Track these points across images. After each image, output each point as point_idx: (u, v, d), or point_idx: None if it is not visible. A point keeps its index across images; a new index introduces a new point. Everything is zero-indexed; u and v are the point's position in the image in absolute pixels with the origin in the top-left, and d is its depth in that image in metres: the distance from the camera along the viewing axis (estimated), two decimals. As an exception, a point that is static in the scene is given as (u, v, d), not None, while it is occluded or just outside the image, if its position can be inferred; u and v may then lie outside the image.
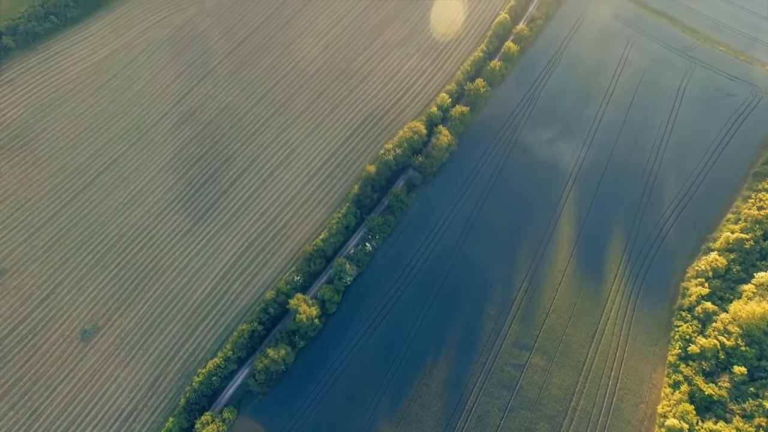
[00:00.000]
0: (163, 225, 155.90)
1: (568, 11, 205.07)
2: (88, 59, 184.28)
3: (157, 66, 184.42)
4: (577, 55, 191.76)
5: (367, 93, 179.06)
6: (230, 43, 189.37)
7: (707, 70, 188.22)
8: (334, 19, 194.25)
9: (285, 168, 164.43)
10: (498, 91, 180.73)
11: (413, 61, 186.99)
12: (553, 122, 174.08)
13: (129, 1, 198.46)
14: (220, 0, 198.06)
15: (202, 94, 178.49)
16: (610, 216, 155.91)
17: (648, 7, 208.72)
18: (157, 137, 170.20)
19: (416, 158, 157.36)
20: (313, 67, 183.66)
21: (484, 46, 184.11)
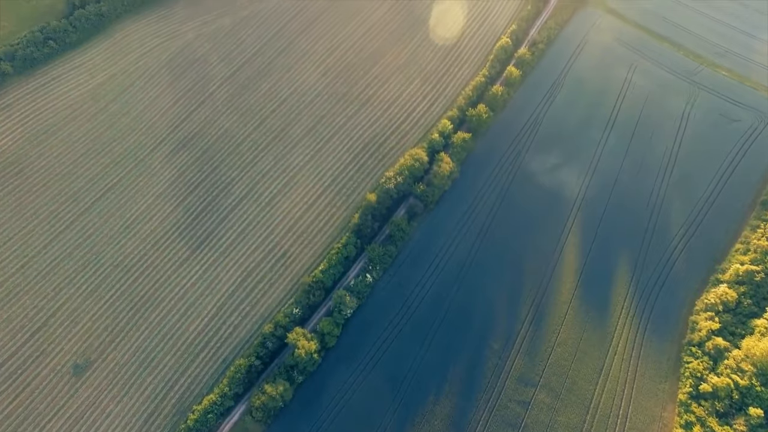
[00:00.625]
0: (160, 254, 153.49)
1: (570, 35, 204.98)
2: (86, 84, 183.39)
3: (156, 91, 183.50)
4: (580, 79, 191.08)
5: (367, 119, 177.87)
6: (229, 68, 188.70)
7: (712, 95, 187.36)
8: (333, 44, 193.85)
9: (284, 196, 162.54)
10: (500, 116, 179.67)
11: (414, 86, 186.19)
12: (557, 148, 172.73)
13: (128, 26, 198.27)
14: (219, 24, 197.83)
15: (200, 120, 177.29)
16: (615, 245, 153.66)
17: (651, 31, 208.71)
18: (155, 163, 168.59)
19: (417, 186, 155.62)
20: (312, 92, 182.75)
21: (486, 71, 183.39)
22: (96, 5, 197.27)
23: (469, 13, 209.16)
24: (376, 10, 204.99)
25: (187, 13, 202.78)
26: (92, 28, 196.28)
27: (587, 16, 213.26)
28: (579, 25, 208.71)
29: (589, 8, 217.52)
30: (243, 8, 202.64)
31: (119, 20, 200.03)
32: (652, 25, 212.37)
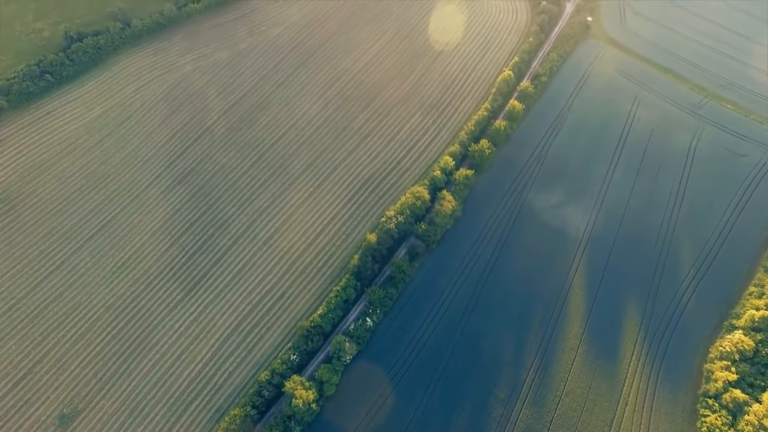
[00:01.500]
0: (153, 295, 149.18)
1: (573, 67, 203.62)
2: (81, 118, 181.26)
3: (152, 125, 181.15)
4: (584, 112, 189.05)
5: (367, 154, 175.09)
6: (227, 101, 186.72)
7: (717, 128, 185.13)
8: (332, 77, 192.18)
9: (282, 235, 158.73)
10: (503, 151, 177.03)
11: (415, 119, 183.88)
12: (561, 184, 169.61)
13: (125, 58, 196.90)
14: (217, 57, 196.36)
15: (197, 155, 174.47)
16: (623, 287, 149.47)
17: (653, 63, 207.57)
18: (150, 200, 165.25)
19: (419, 226, 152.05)
20: (311, 126, 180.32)
21: (488, 105, 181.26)
22: (94, 38, 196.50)
23: (470, 45, 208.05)
24: (375, 42, 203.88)
25: (185, 45, 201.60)
26: (89, 61, 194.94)
27: (589, 48, 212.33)
28: (581, 57, 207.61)
29: (591, 40, 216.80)
30: (241, 41, 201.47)
31: (117, 53, 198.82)
32: (655, 57, 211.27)
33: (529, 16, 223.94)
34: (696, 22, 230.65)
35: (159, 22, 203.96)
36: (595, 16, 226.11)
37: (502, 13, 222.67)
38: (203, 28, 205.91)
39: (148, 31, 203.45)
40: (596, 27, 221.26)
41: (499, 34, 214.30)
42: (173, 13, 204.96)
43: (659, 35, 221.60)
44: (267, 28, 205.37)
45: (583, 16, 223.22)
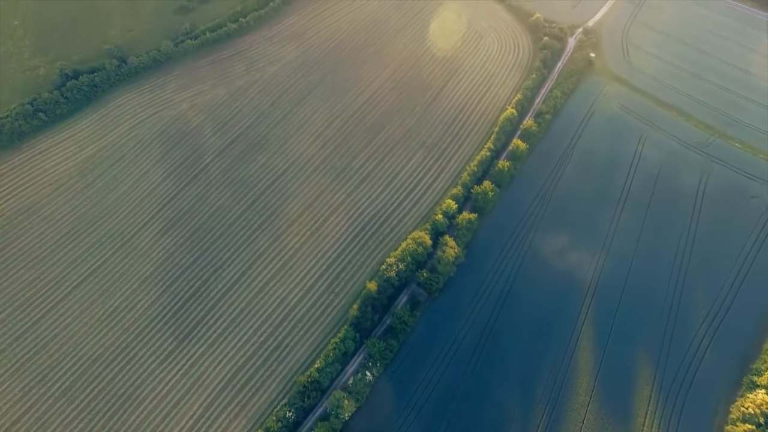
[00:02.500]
0: (143, 346, 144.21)
1: (577, 104, 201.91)
2: (73, 158, 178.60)
3: (146, 164, 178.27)
4: (589, 151, 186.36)
5: (367, 195, 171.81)
6: (223, 140, 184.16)
7: (725, 168, 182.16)
8: (331, 116, 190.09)
9: (278, 281, 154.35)
10: (507, 192, 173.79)
11: (416, 159, 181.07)
12: (567, 227, 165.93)
13: (121, 96, 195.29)
14: (213, 95, 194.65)
15: (192, 196, 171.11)
16: (634, 337, 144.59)
17: (657, 99, 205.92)
18: (142, 244, 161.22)
19: (421, 273, 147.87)
20: (309, 166, 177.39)
21: (491, 144, 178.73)
22: (90, 76, 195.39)
23: (472, 81, 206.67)
24: (375, 79, 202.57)
25: (181, 82, 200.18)
26: (84, 99, 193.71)
27: (593, 84, 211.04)
28: (585, 94, 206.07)
29: (594, 76, 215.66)
30: (238, 78, 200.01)
31: (112, 90, 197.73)
32: (659, 93, 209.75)
33: (531, 51, 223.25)
34: (699, 57, 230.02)
35: (156, 58, 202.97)
36: (598, 52, 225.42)
37: (504, 48, 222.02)
38: (200, 64, 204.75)
39: (144, 67, 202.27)
40: (599, 63, 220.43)
41: (502, 70, 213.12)
42: (170, 49, 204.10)
43: (663, 71, 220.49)
44: (264, 64, 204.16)
45: (586, 51, 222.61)
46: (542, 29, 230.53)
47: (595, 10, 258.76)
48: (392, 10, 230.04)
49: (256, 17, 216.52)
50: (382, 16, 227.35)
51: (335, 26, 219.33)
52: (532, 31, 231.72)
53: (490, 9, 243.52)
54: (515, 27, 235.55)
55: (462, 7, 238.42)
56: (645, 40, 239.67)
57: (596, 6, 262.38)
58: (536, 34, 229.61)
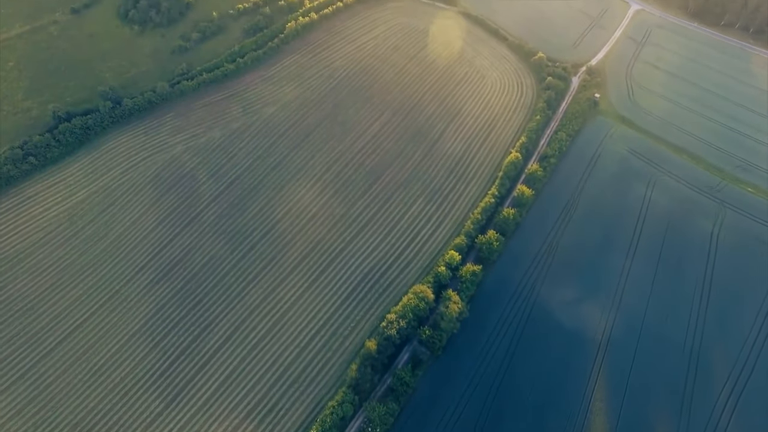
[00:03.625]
0: (129, 408, 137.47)
1: (583, 147, 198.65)
2: (63, 203, 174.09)
3: (138, 211, 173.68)
4: (596, 197, 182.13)
5: (367, 244, 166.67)
6: (218, 185, 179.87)
7: (739, 214, 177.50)
8: (329, 160, 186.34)
9: (273, 337, 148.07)
10: (512, 241, 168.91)
11: (417, 206, 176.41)
12: (575, 278, 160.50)
13: (114, 138, 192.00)
14: (209, 137, 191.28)
15: (184, 245, 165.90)
16: (650, 399, 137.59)
17: (665, 141, 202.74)
18: (131, 296, 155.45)
19: (423, 331, 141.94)
20: (307, 213, 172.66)
21: (495, 190, 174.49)
22: (83, 118, 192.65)
23: (475, 123, 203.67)
24: (375, 121, 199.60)
25: (176, 124, 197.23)
26: (76, 142, 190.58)
27: (599, 126, 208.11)
28: (591, 136, 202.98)
29: (599, 117, 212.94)
30: (235, 120, 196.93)
31: (105, 132, 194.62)
32: (667, 135, 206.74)
33: (534, 91, 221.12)
34: (705, 97, 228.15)
35: (151, 100, 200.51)
36: (603, 92, 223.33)
37: (507, 88, 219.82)
38: (196, 106, 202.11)
39: (139, 109, 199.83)
40: (604, 103, 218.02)
41: (505, 111, 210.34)
42: (166, 90, 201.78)
43: (669, 111, 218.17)
44: (261, 106, 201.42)
45: (591, 91, 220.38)
46: (545, 69, 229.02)
47: (598, 49, 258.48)
48: (391, 50, 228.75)
49: (254, 57, 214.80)
50: (381, 55, 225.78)
51: (334, 66, 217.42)
52: (536, 70, 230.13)
53: (493, 48, 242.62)
54: (518, 66, 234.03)
55: (464, 47, 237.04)
56: (649, 80, 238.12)
57: (598, 44, 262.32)
58: (539, 74, 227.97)
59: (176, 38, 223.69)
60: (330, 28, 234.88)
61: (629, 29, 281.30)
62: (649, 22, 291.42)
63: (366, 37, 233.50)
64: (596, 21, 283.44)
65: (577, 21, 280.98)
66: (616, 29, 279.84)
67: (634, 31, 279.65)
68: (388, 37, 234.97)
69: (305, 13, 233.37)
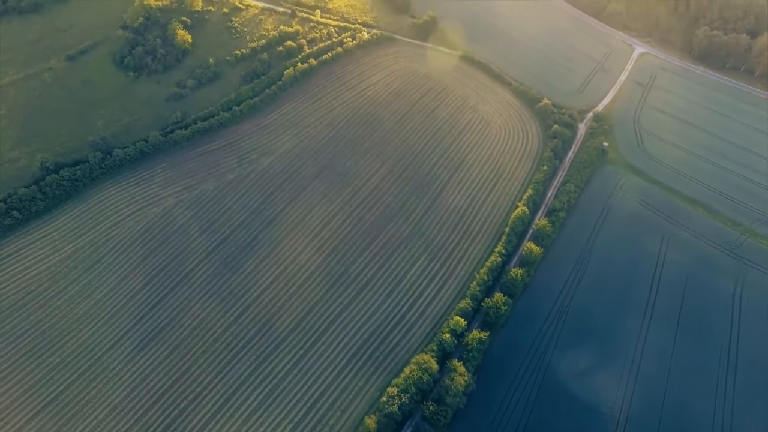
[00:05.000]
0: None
1: (592, 199, 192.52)
2: (46, 261, 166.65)
3: (125, 269, 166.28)
4: (607, 253, 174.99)
5: (366, 307, 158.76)
6: (211, 242, 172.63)
7: (762, 273, 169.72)
8: (327, 215, 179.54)
9: (265, 411, 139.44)
10: (520, 302, 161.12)
11: (420, 264, 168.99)
12: (589, 343, 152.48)
13: (103, 190, 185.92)
14: (202, 189, 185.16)
15: (173, 307, 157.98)
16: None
17: (679, 194, 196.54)
18: (114, 364, 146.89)
19: (426, 406, 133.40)
20: (303, 273, 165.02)
21: (501, 248, 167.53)
22: (71, 169, 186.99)
23: (479, 174, 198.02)
24: (375, 173, 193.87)
25: (168, 175, 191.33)
26: (64, 194, 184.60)
27: (608, 176, 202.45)
28: (600, 187, 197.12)
29: (608, 166, 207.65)
30: (229, 171, 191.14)
31: (94, 184, 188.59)
32: (680, 186, 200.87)
33: (540, 139, 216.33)
34: (716, 144, 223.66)
35: (143, 150, 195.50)
36: (611, 140, 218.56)
37: (511, 137, 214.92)
38: (189, 156, 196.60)
39: (130, 160, 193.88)
40: (613, 152, 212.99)
41: (511, 161, 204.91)
42: (158, 140, 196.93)
43: (680, 160, 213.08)
44: (257, 156, 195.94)
45: (598, 139, 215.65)
46: (551, 115, 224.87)
47: (604, 93, 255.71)
48: (392, 96, 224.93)
49: (250, 105, 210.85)
50: (382, 102, 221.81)
51: (333, 114, 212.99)
52: (541, 117, 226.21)
53: (497, 93, 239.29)
54: (523, 113, 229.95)
55: (467, 92, 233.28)
56: (658, 126, 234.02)
57: (604, 88, 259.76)
58: (545, 121, 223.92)
59: (172, 85, 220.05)
60: (329, 73, 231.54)
61: (634, 73, 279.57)
62: (653, 65, 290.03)
63: (366, 83, 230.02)
64: (601, 64, 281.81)
65: (581, 64, 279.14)
66: (621, 72, 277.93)
67: (640, 75, 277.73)
68: (389, 83, 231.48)
69: (304, 59, 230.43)
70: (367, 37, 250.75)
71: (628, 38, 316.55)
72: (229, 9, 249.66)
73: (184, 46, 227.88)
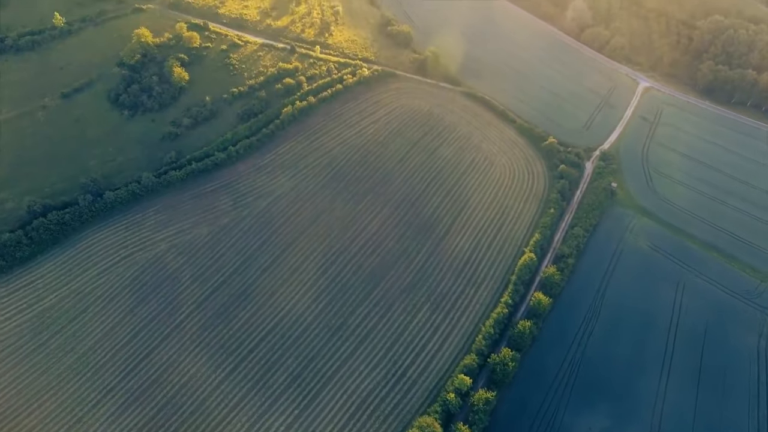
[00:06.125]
0: None
1: (602, 243, 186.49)
2: (28, 311, 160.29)
3: (112, 319, 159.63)
4: (620, 303, 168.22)
5: (366, 362, 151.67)
6: (203, 290, 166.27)
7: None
8: (326, 261, 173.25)
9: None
10: (528, 357, 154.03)
11: (422, 315, 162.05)
12: (603, 403, 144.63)
13: (92, 234, 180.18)
14: (195, 234, 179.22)
15: (161, 362, 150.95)
16: None
17: (692, 237, 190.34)
18: (96, 425, 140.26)
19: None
20: (300, 324, 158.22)
21: (508, 298, 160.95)
22: (59, 212, 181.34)
23: (483, 217, 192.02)
24: (375, 217, 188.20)
25: (161, 218, 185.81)
26: (50, 239, 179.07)
27: (618, 218, 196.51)
28: (610, 231, 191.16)
29: (617, 208, 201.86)
30: (225, 214, 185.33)
31: (84, 227, 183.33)
32: (693, 229, 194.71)
33: (547, 179, 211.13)
34: (729, 184, 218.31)
35: (135, 192, 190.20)
36: (619, 179, 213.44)
37: (517, 178, 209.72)
38: (183, 198, 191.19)
39: (121, 202, 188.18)
40: (622, 192, 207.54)
41: (516, 203, 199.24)
42: (151, 182, 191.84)
43: (692, 201, 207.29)
44: (253, 199, 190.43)
45: (606, 179, 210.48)
46: (557, 154, 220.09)
47: (610, 130, 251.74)
48: (393, 135, 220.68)
49: (247, 145, 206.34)
50: (383, 141, 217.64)
51: (332, 154, 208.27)
52: (547, 156, 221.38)
53: (501, 131, 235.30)
54: (528, 152, 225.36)
55: (470, 130, 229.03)
56: (667, 164, 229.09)
57: (610, 125, 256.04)
58: (551, 160, 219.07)
59: (167, 124, 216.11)
60: (329, 111, 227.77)
61: (640, 108, 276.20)
62: (659, 99, 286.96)
63: (366, 121, 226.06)
64: (605, 99, 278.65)
65: (586, 99, 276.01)
66: (627, 108, 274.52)
67: (646, 110, 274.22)
68: (390, 120, 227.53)
69: (303, 96, 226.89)
70: (367, 73, 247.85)
71: (633, 72, 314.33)
72: (227, 45, 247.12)
73: (181, 83, 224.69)
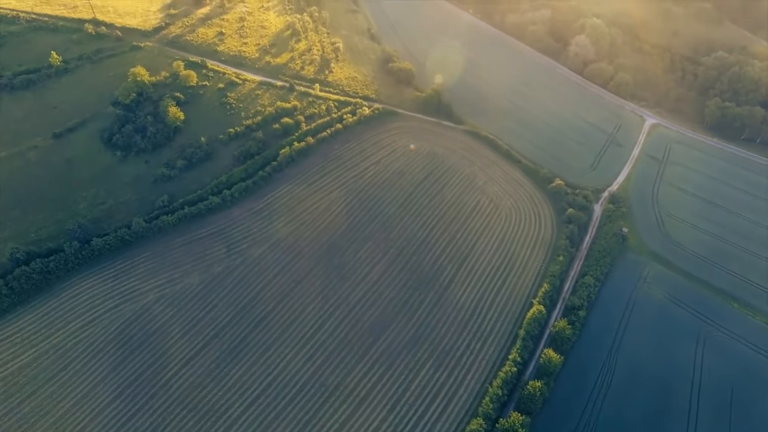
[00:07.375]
0: None
1: (614, 294, 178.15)
2: (3, 368, 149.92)
3: (95, 377, 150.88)
4: (636, 359, 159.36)
5: (364, 427, 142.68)
6: (192, 346, 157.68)
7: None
8: (322, 315, 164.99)
9: None
10: (539, 420, 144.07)
11: (425, 373, 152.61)
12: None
13: (77, 284, 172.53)
14: (186, 283, 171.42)
15: (146, 425, 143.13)
16: None
17: (709, 285, 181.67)
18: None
19: None
20: (294, 385, 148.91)
21: (516, 355, 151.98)
22: (44, 260, 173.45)
23: (489, 265, 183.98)
24: (375, 265, 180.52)
25: (150, 266, 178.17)
26: (33, 289, 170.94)
27: (630, 266, 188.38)
28: (622, 280, 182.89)
29: (629, 254, 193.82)
30: (217, 262, 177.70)
31: (69, 276, 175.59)
32: (709, 277, 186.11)
33: (554, 223, 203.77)
34: (744, 226, 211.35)
35: (124, 238, 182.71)
36: (630, 223, 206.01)
37: (523, 221, 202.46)
38: (174, 245, 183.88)
39: (110, 248, 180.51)
40: (633, 237, 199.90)
41: (523, 249, 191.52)
42: (141, 227, 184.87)
43: (707, 246, 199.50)
44: (248, 246, 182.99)
45: (616, 224, 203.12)
46: (564, 197, 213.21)
47: (618, 170, 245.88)
48: (395, 177, 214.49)
49: (243, 188, 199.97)
50: (383, 184, 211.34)
51: (331, 198, 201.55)
52: (554, 198, 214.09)
53: (505, 172, 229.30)
54: (534, 193, 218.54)
55: (474, 171, 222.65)
56: (679, 206, 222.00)
57: (618, 164, 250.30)
58: (558, 203, 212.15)
59: (160, 165, 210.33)
60: (328, 152, 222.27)
61: (647, 146, 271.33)
62: (667, 137, 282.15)
63: (367, 162, 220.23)
64: (612, 137, 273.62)
65: (592, 137, 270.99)
66: (634, 146, 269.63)
67: (654, 148, 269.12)
68: (391, 162, 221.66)
69: (301, 137, 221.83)
70: (368, 112, 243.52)
71: (638, 108, 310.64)
72: (225, 84, 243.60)
73: (176, 123, 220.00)
